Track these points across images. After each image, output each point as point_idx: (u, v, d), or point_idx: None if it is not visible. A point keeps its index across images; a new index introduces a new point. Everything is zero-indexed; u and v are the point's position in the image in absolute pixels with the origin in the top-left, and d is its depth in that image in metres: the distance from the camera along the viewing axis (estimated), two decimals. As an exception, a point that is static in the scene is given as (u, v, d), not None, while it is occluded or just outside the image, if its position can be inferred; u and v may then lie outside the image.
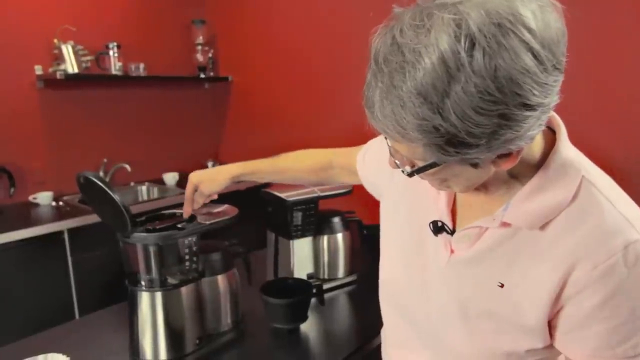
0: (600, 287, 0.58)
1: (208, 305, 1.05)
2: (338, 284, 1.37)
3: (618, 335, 0.59)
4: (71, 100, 2.57)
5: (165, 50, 2.95)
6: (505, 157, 0.55)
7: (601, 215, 0.59)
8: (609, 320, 0.59)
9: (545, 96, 0.49)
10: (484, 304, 0.66)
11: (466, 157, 0.52)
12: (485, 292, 0.66)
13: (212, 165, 3.12)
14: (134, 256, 0.96)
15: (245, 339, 1.10)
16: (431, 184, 0.65)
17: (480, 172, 0.58)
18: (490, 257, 0.66)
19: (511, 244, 0.64)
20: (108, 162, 2.68)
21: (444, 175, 0.59)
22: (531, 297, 0.62)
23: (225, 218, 1.04)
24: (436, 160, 0.54)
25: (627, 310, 0.58)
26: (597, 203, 0.59)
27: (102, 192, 0.88)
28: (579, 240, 0.58)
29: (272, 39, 2.79)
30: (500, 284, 0.64)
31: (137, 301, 0.97)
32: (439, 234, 0.71)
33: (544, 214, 0.60)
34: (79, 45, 2.44)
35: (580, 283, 0.59)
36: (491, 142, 0.50)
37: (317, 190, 1.30)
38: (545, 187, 0.61)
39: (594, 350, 0.61)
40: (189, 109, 3.13)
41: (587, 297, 0.59)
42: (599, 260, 0.57)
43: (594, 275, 0.57)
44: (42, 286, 2.00)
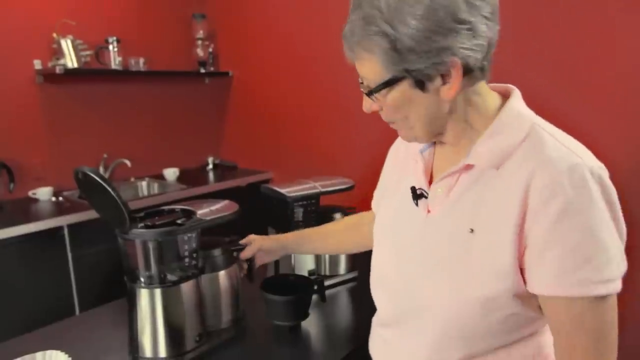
0: (550, 210, 0.62)
1: (208, 302, 1.04)
2: (339, 280, 1.36)
3: (574, 259, 0.62)
4: (71, 95, 2.55)
5: (165, 45, 2.93)
6: (447, 85, 0.66)
7: (547, 148, 0.66)
8: (562, 244, 0.62)
9: (472, 15, 0.62)
10: (458, 252, 0.71)
11: (412, 70, 0.64)
12: (458, 240, 0.71)
13: (212, 161, 3.11)
14: (132, 252, 0.95)
15: (245, 336, 1.09)
16: (399, 131, 0.76)
17: (430, 99, 0.68)
18: (460, 206, 0.72)
19: (476, 187, 0.71)
20: (108, 158, 2.67)
21: (401, 101, 0.69)
22: (499, 236, 0.67)
23: (225, 214, 1.02)
24: (390, 77, 0.66)
25: (578, 231, 0.62)
26: (545, 140, 0.67)
27: (100, 188, 0.86)
28: (530, 171, 0.65)
29: (273, 33, 2.77)
30: (470, 229, 0.70)
31: (136, 298, 0.96)
32: (419, 200, 0.78)
33: (500, 152, 0.69)
34: (78, 39, 2.42)
35: (534, 210, 0.64)
36: (429, 49, 0.62)
37: (319, 186, 1.29)
38: (499, 131, 0.70)
39: (556, 279, 0.63)
40: (190, 104, 3.12)
41: (540, 223, 0.63)
42: (546, 184, 0.63)
43: (543, 199, 0.63)
44: (42, 282, 1.99)
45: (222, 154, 3.24)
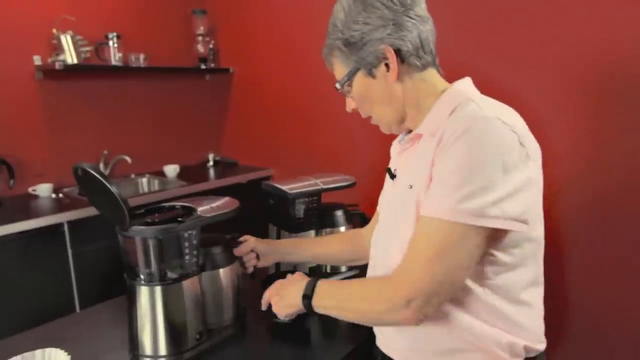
0: (446, 150, 0.76)
1: (209, 299, 1.03)
2: (341, 277, 1.34)
3: (444, 185, 0.75)
4: (70, 91, 2.54)
5: (165, 41, 2.91)
6: (390, 71, 0.85)
7: (463, 110, 0.80)
8: (439, 173, 0.77)
9: (395, 16, 0.83)
10: (401, 206, 0.86)
11: (362, 60, 0.86)
12: (402, 196, 0.87)
13: (212, 158, 3.10)
14: (132, 249, 0.94)
15: (246, 334, 1.09)
16: (379, 125, 0.94)
17: (381, 85, 0.87)
18: (405, 169, 0.90)
19: (418, 152, 0.87)
20: (108, 154, 2.66)
21: (362, 90, 0.89)
22: (421, 185, 0.81)
23: (225, 211, 1.01)
24: (349, 69, 0.88)
25: (456, 164, 0.74)
26: (467, 106, 0.80)
27: (100, 185, 0.85)
28: (446, 122, 0.80)
29: (274, 29, 2.76)
30: (409, 185, 0.85)
31: (136, 295, 0.95)
32: (394, 180, 0.96)
33: (434, 121, 0.84)
34: (78, 35, 2.40)
35: (439, 154, 0.78)
36: (367, 41, 0.84)
37: (320, 183, 1.28)
38: (440, 105, 0.85)
39: (430, 201, 0.77)
40: (190, 100, 3.10)
41: (438, 160, 0.78)
42: (450, 133, 0.77)
43: (445, 144, 0.77)
44: (42, 279, 1.99)
45: (223, 150, 3.23)
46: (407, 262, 0.79)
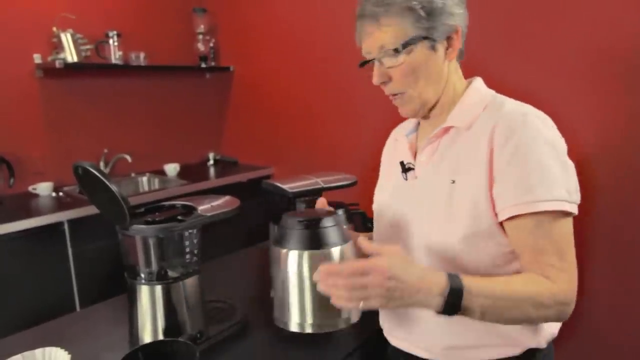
0: (507, 148, 0.79)
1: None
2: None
3: (527, 183, 0.77)
4: (71, 90, 2.54)
5: (166, 39, 2.91)
6: (450, 48, 0.86)
7: (504, 107, 0.85)
8: (517, 172, 0.78)
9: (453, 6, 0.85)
10: (441, 202, 0.85)
11: (433, 30, 0.83)
12: (441, 192, 0.85)
13: (213, 157, 3.09)
14: (133, 248, 0.93)
15: (247, 334, 1.08)
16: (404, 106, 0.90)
17: (438, 61, 0.86)
18: (441, 163, 0.88)
19: (454, 146, 0.87)
20: (108, 153, 2.66)
21: (419, 61, 0.84)
22: (475, 180, 0.81)
23: (226, 210, 1.01)
24: (417, 35, 0.83)
25: (530, 162, 0.77)
26: (503, 102, 0.87)
27: (100, 183, 0.85)
28: (493, 124, 0.83)
29: (274, 27, 2.75)
30: (452, 180, 0.85)
31: (137, 294, 0.94)
32: (408, 174, 0.94)
33: (469, 114, 0.87)
34: (78, 33, 2.40)
35: (496, 151, 0.80)
36: (449, 12, 0.83)
37: (320, 182, 1.27)
38: (467, 99, 0.90)
39: (514, 201, 0.77)
40: (190, 99, 3.10)
41: (500, 158, 0.80)
42: (504, 130, 0.80)
43: (502, 141, 0.80)
44: (42, 278, 1.99)
45: (223, 149, 3.23)
46: (555, 262, 0.77)
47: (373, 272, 0.68)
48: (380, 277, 0.67)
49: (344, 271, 0.68)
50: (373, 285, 0.67)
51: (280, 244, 0.84)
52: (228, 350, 1.01)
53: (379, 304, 0.69)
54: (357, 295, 0.68)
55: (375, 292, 0.68)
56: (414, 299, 0.70)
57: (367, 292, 0.68)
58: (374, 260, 0.69)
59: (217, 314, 1.11)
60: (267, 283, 1.34)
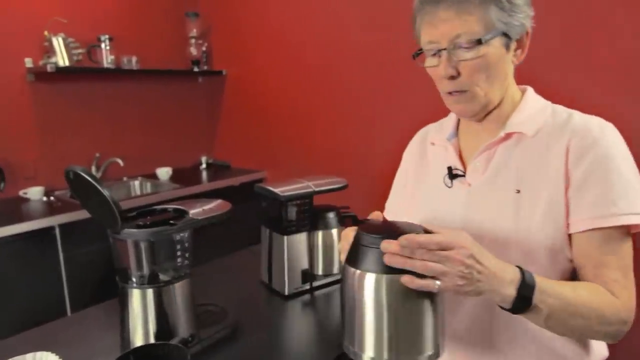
0: (587, 159, 0.77)
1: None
2: (333, 280, 1.35)
3: (610, 196, 0.75)
4: (62, 94, 2.53)
5: (158, 43, 2.91)
6: (519, 50, 0.83)
7: (574, 118, 0.83)
8: (599, 185, 0.76)
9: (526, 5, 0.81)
10: (505, 212, 0.81)
11: (510, 27, 0.79)
12: (504, 202, 0.82)
13: (205, 161, 3.10)
14: (124, 252, 0.94)
15: (238, 337, 1.09)
16: (464, 104, 0.84)
17: (508, 61, 0.82)
18: (502, 172, 0.84)
19: (516, 154, 0.84)
20: (100, 157, 2.65)
21: (493, 57, 0.79)
22: (546, 189, 0.79)
23: (217, 213, 1.02)
24: (497, 29, 0.77)
25: (612, 174, 0.76)
26: (570, 112, 0.84)
27: (91, 188, 0.85)
28: (568, 136, 0.80)
29: (267, 31, 2.77)
30: (517, 190, 0.81)
31: (128, 298, 0.95)
32: (454, 180, 0.89)
33: (534, 122, 0.84)
34: (70, 37, 2.40)
35: (573, 163, 0.78)
36: (525, 12, 0.80)
37: (312, 185, 1.29)
38: (527, 108, 0.86)
39: (594, 214, 0.76)
40: (183, 103, 3.10)
41: (579, 169, 0.77)
42: (581, 141, 0.78)
43: (581, 153, 0.78)
44: (33, 282, 1.98)
45: (216, 153, 3.23)
46: (619, 278, 0.76)
47: (456, 247, 0.63)
48: (463, 253, 0.63)
49: (425, 242, 0.62)
50: (455, 261, 0.62)
51: (354, 262, 0.69)
52: (219, 353, 1.02)
53: (456, 285, 0.63)
54: (436, 271, 0.62)
55: (456, 269, 0.62)
56: (489, 284, 0.65)
57: (447, 269, 0.62)
58: (455, 233, 0.65)
59: (209, 317, 1.11)
60: (258, 286, 1.35)
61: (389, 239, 0.65)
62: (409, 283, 0.62)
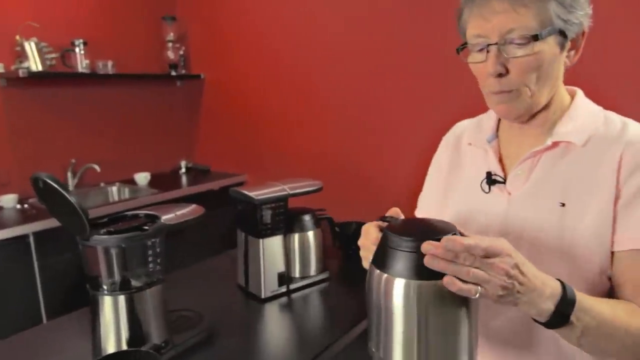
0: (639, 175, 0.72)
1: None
2: (310, 282, 1.36)
3: None
4: (36, 99, 2.49)
5: (134, 48, 2.88)
6: (573, 51, 0.77)
7: (629, 129, 0.77)
8: None
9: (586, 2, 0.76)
10: (549, 225, 0.76)
11: (568, 25, 0.73)
12: (548, 215, 0.77)
13: (185, 165, 3.07)
14: (94, 259, 0.93)
15: (214, 342, 1.09)
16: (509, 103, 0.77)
17: (560, 62, 0.76)
18: (547, 183, 0.79)
19: (563, 164, 0.78)
20: (76, 163, 2.61)
21: (547, 55, 0.73)
22: (594, 204, 0.74)
23: (189, 218, 1.02)
24: (555, 26, 0.72)
25: None
26: (625, 122, 0.78)
27: (59, 195, 0.85)
28: (621, 149, 0.75)
29: (245, 35, 2.76)
30: (561, 203, 0.76)
31: (99, 306, 0.94)
32: (493, 186, 0.84)
33: (585, 132, 0.78)
34: (42, 42, 2.36)
35: (625, 177, 0.73)
36: (584, 11, 0.74)
37: (287, 188, 1.29)
38: (577, 115, 0.80)
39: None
40: (161, 107, 3.08)
41: (631, 184, 0.73)
42: (634, 156, 0.73)
43: (633, 167, 0.73)
44: (8, 291, 1.93)
45: (195, 157, 3.21)
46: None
47: (501, 255, 0.60)
48: (508, 262, 0.60)
49: (471, 246, 0.59)
50: (499, 269, 0.59)
51: (382, 265, 0.65)
52: (194, 358, 1.01)
53: (497, 293, 0.60)
54: (480, 278, 0.59)
55: (499, 279, 0.59)
56: (529, 296, 0.62)
57: (490, 277, 0.59)
58: (500, 241, 0.62)
59: (184, 322, 1.11)
60: (235, 290, 1.35)
61: (422, 241, 0.61)
62: (450, 285, 0.59)
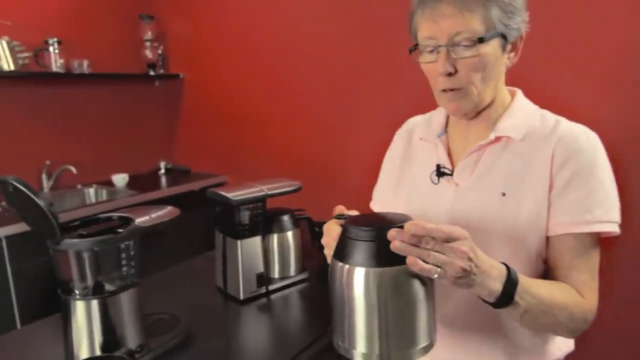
0: (570, 167, 0.81)
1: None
2: (289, 282, 1.36)
3: (588, 202, 0.79)
4: (8, 100, 2.42)
5: (111, 47, 2.83)
6: (513, 53, 0.85)
7: (561, 125, 0.85)
8: (579, 191, 0.80)
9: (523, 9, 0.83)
10: (492, 214, 0.84)
11: (508, 30, 0.80)
12: (491, 205, 0.84)
13: (164, 166, 3.03)
14: (65, 263, 0.91)
15: (191, 344, 1.07)
16: (458, 101, 0.84)
17: (502, 63, 0.84)
18: (489, 174, 0.86)
19: (504, 158, 0.86)
20: (51, 164, 2.55)
21: (490, 57, 0.80)
22: (530, 194, 0.82)
23: (164, 220, 1.00)
24: (497, 30, 0.79)
25: (592, 182, 0.80)
26: (557, 119, 0.87)
27: (28, 199, 0.82)
28: (554, 142, 0.83)
29: (224, 35, 2.74)
30: (502, 193, 0.84)
31: (71, 311, 0.92)
32: (441, 178, 0.91)
33: (523, 127, 0.86)
34: (15, 41, 2.30)
35: (557, 169, 0.82)
36: (521, 17, 0.82)
37: (265, 189, 1.28)
38: (516, 113, 0.89)
39: (572, 219, 0.80)
40: (139, 107, 3.03)
41: (562, 175, 0.81)
42: (566, 149, 0.82)
43: (564, 160, 0.81)
44: (-21, 298, 1.88)
45: (175, 158, 3.17)
46: (587, 281, 0.81)
47: (462, 239, 0.65)
48: (467, 245, 0.65)
49: (433, 231, 0.63)
50: (459, 252, 0.64)
51: (342, 257, 0.68)
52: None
53: (455, 276, 0.64)
54: (441, 260, 0.63)
55: (459, 261, 0.64)
56: (481, 278, 0.68)
57: (449, 259, 0.64)
58: (460, 228, 0.67)
59: (160, 325, 1.09)
60: (214, 292, 1.33)
61: (378, 231, 0.65)
62: (412, 265, 0.62)
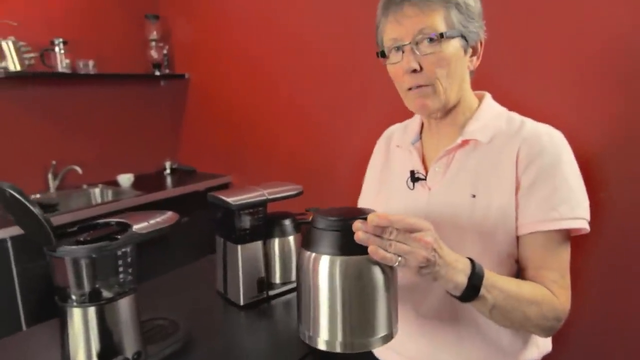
0: (535, 166, 0.82)
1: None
2: (291, 287, 1.34)
3: (553, 200, 0.80)
4: (14, 100, 2.43)
5: (116, 47, 2.83)
6: (474, 56, 0.89)
7: (526, 125, 0.88)
8: (543, 190, 0.81)
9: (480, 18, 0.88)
10: (462, 216, 0.85)
11: (468, 32, 0.84)
12: (461, 207, 0.86)
13: (169, 166, 3.03)
14: (61, 270, 0.90)
15: (191, 350, 1.06)
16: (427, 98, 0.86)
17: (464, 64, 0.87)
18: (459, 177, 0.88)
19: (472, 160, 0.88)
20: (57, 165, 2.56)
21: (452, 55, 0.83)
22: (498, 195, 0.84)
23: (162, 227, 0.99)
24: (457, 30, 0.83)
25: (557, 180, 0.81)
26: (523, 121, 0.89)
27: (22, 205, 0.82)
28: (519, 143, 0.85)
29: (229, 34, 2.73)
30: (472, 195, 0.85)
31: (68, 318, 0.91)
32: (416, 183, 0.93)
33: (490, 130, 0.88)
34: (21, 41, 2.30)
35: (522, 169, 0.83)
36: (477, 22, 0.86)
37: (266, 193, 1.27)
38: (483, 116, 0.91)
39: (539, 217, 0.81)
40: (144, 107, 3.03)
41: (527, 175, 0.83)
42: (531, 149, 0.83)
43: (529, 160, 0.82)
44: (-16, 298, 1.89)
45: (180, 158, 3.17)
46: (558, 279, 0.82)
47: (425, 230, 0.67)
48: (430, 236, 0.67)
49: (395, 221, 0.65)
50: (424, 242, 0.66)
51: (309, 245, 0.71)
52: (168, 369, 0.99)
53: (417, 266, 0.67)
54: (399, 250, 0.65)
55: (421, 251, 0.66)
56: (445, 269, 0.70)
57: (411, 249, 0.66)
58: (425, 221, 0.69)
59: (159, 331, 1.08)
60: (214, 297, 1.32)
61: (343, 221, 0.67)
62: (373, 253, 0.65)
